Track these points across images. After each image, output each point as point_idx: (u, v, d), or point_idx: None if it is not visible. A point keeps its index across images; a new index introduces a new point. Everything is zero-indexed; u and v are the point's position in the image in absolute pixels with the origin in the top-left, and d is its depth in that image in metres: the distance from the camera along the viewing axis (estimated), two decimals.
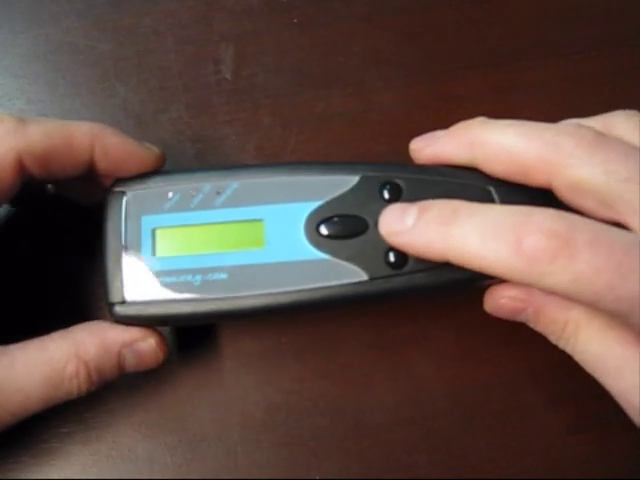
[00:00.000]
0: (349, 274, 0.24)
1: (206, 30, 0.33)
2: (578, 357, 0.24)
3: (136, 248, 0.24)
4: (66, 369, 0.23)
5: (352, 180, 0.25)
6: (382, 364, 0.30)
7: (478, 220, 0.21)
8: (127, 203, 0.25)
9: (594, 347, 0.23)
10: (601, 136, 0.22)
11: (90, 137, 0.24)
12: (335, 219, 0.25)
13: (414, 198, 0.24)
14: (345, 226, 0.24)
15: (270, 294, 0.24)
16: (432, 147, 0.26)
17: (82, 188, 0.28)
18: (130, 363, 0.25)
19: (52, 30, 0.32)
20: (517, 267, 0.20)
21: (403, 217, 0.23)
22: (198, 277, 0.24)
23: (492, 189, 0.25)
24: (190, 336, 0.29)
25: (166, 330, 0.28)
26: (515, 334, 0.30)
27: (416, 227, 0.23)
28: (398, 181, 0.25)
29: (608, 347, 0.23)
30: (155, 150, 0.26)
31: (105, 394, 0.28)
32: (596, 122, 0.24)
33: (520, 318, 0.25)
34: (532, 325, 0.25)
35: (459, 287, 0.25)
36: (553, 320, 0.24)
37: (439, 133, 0.26)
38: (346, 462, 0.29)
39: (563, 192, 0.23)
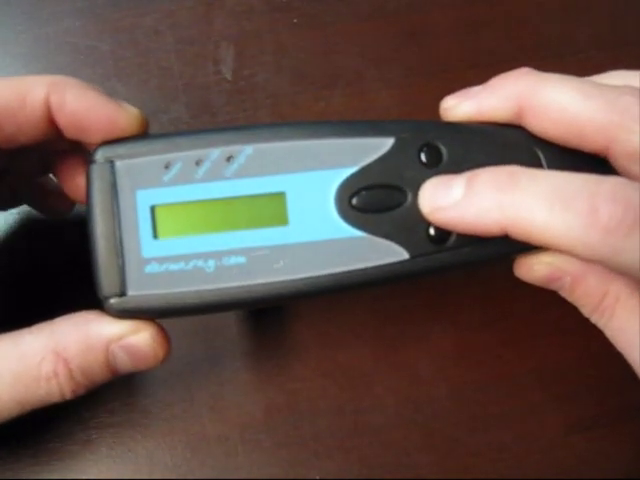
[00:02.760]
0: (388, 253, 0.21)
1: (206, 30, 0.33)
2: (610, 333, 0.22)
3: (132, 230, 0.21)
4: (41, 367, 0.20)
5: (386, 143, 0.21)
6: (382, 364, 0.30)
7: (544, 186, 0.19)
8: (117, 175, 0.21)
9: (631, 323, 0.21)
10: None
11: (45, 88, 0.21)
12: (370, 189, 0.21)
13: (456, 162, 0.21)
14: (382, 197, 0.21)
15: (298, 280, 0.21)
16: (469, 102, 0.23)
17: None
18: (123, 362, 0.21)
19: (52, 30, 0.32)
20: (589, 240, 0.18)
21: (449, 189, 0.20)
22: (211, 262, 0.21)
23: (539, 152, 0.22)
24: (188, 334, 0.29)
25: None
26: (515, 334, 0.30)
27: (467, 198, 0.20)
28: (437, 143, 0.22)
29: None
30: (132, 110, 0.22)
31: (105, 394, 0.28)
32: None
33: (553, 286, 0.23)
34: (565, 294, 0.23)
35: (503, 259, 0.23)
36: (591, 291, 0.22)
37: (475, 88, 0.23)
38: (346, 462, 0.29)
39: (621, 160, 0.20)
